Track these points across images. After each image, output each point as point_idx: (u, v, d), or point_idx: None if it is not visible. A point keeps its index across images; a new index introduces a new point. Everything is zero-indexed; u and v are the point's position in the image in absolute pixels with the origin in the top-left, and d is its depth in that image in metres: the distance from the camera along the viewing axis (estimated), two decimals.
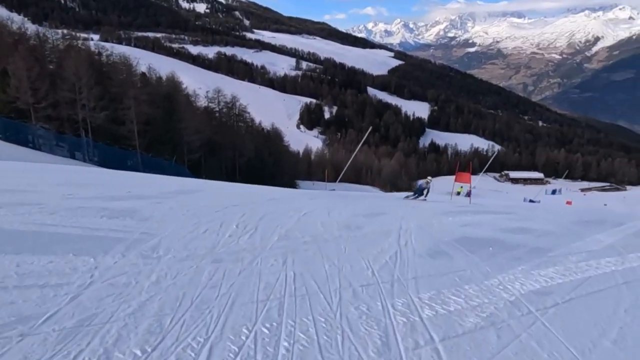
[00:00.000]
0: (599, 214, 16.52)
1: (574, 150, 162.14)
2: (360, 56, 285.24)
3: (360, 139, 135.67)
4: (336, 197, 13.54)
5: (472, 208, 13.41)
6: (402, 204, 13.58)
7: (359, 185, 68.66)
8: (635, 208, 49.27)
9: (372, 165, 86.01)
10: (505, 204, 21.46)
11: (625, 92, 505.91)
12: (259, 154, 51.62)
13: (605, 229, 10.07)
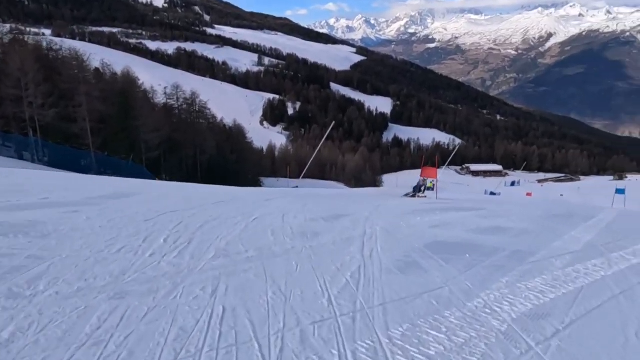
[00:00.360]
0: (565, 207, 16.33)
1: (530, 142, 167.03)
2: (323, 52, 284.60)
3: (324, 134, 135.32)
4: (295, 197, 12.25)
5: (439, 204, 12.65)
6: (366, 202, 12.30)
7: (323, 181, 67.86)
8: (589, 197, 50.64)
9: (336, 160, 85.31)
10: (471, 198, 20.43)
11: (577, 87, 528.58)
12: (221, 152, 49.90)
13: (577, 223, 9.57)
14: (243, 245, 5.69)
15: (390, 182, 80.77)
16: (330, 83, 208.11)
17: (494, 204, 14.77)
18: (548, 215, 10.99)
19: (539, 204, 16.14)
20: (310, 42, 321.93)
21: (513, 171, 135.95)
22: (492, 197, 21.87)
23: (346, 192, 22.77)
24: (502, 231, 8.00)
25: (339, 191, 23.05)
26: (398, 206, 11.55)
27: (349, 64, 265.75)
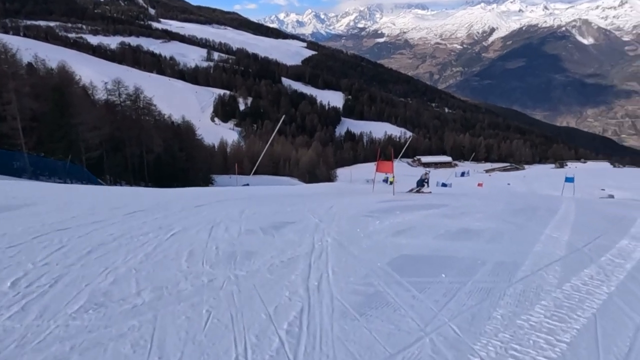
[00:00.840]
0: (524, 199, 16.09)
1: (477, 134, 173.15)
2: (274, 46, 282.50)
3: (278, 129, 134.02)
4: (234, 201, 10.59)
5: (398, 202, 11.43)
6: (317, 201, 10.77)
7: (277, 177, 67.41)
8: (534, 185, 52.53)
9: (289, 155, 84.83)
10: (431, 190, 20.24)
11: (518, 79, 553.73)
12: (169, 150, 48.24)
13: (546, 219, 9.10)
14: (137, 282, 4.01)
15: (344, 176, 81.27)
16: (282, 78, 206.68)
17: (453, 198, 13.89)
18: (512, 210, 10.41)
19: (497, 197, 15.98)
20: (260, 36, 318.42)
21: (462, 162, 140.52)
22: (449, 190, 21.63)
23: (298, 189, 20.44)
24: (474, 235, 6.97)
25: (289, 189, 20.58)
26: (353, 206, 10.10)
27: (300, 59, 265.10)
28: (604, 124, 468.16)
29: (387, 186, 19.81)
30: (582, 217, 9.79)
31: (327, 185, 27.42)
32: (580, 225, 8.50)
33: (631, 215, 10.97)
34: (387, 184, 25.87)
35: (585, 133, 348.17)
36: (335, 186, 24.37)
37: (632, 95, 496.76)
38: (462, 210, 9.87)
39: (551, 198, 17.65)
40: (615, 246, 6.68)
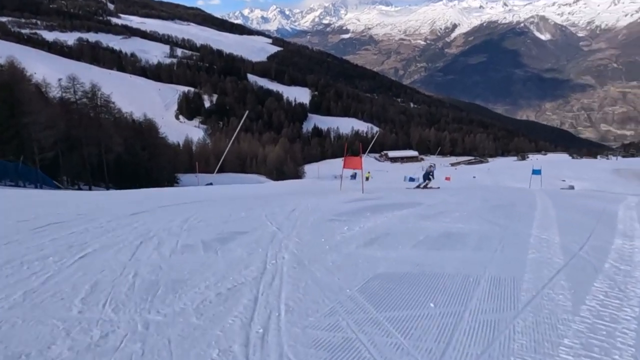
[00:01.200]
0: (498, 193, 15.55)
1: (442, 128, 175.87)
2: (238, 43, 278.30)
3: (244, 126, 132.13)
4: (181, 206, 9.20)
5: (368, 201, 10.50)
6: (279, 203, 9.64)
7: (243, 175, 65.99)
8: (499, 178, 53.27)
9: (256, 153, 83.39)
10: (398, 187, 18.63)
11: (480, 75, 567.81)
12: (130, 149, 46.27)
13: (527, 217, 8.48)
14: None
15: (312, 172, 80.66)
16: (247, 74, 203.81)
17: (425, 195, 13.17)
18: (490, 207, 9.74)
19: (470, 192, 15.56)
20: (224, 32, 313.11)
21: (428, 156, 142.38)
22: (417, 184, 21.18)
23: (260, 188, 18.98)
24: (458, 240, 6.01)
25: (252, 188, 19.17)
26: (318, 208, 8.97)
27: (265, 55, 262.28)
28: (561, 117, 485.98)
29: (356, 183, 18.82)
30: (563, 213, 9.24)
31: (293, 182, 25.91)
32: (565, 223, 7.86)
33: (609, 208, 10.71)
34: (355, 180, 25.24)
35: (544, 126, 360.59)
36: (302, 184, 22.82)
37: (587, 89, 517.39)
38: (439, 209, 9.08)
39: (523, 192, 17.10)
40: (611, 248, 6.11)
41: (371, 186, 18.08)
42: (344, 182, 19.18)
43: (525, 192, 16.18)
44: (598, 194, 18.06)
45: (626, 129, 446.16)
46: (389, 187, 17.80)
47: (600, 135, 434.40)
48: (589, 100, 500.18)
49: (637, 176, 48.87)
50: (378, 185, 21.28)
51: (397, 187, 19.28)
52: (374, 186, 18.04)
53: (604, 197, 15.14)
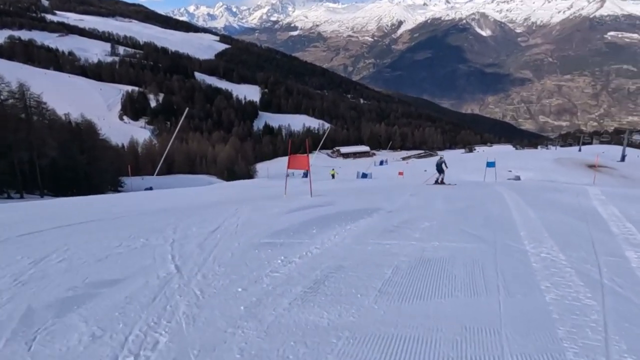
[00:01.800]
0: (459, 190, 14.66)
1: (392, 123, 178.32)
2: (185, 40, 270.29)
3: (193, 125, 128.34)
4: (53, 233, 6.55)
5: (315, 208, 8.81)
6: (199, 222, 7.35)
7: (192, 176, 63.69)
8: (449, 170, 54.38)
9: (206, 152, 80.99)
10: (353, 187, 16.56)
11: (426, 70, 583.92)
12: (67, 153, 43.28)
13: (508, 223, 7.50)
14: None
15: (265, 171, 79.38)
16: (195, 72, 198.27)
17: (383, 196, 11.86)
18: (460, 210, 8.76)
19: (430, 191, 14.58)
20: (169, 30, 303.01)
21: (379, 151, 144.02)
22: (377, 184, 19.69)
23: (198, 194, 15.91)
24: (440, 274, 4.39)
25: (188, 194, 16.14)
26: (252, 223, 7.21)
27: (213, 53, 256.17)
28: (503, 109, 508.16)
29: (303, 185, 17.31)
30: (543, 214, 8.26)
31: (235, 185, 22.86)
32: (555, 229, 6.78)
33: (585, 204, 10.15)
34: (307, 178, 24.25)
35: (487, 119, 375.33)
36: (246, 186, 20.25)
37: (525, 82, 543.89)
38: (402, 217, 7.68)
39: (484, 187, 16.55)
40: (631, 265, 4.88)
41: (323, 187, 16.38)
42: (292, 183, 17.27)
43: (487, 188, 15.49)
44: (557, 185, 17.83)
45: (562, 120, 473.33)
46: (341, 189, 15.66)
47: (539, 126, 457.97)
48: (527, 94, 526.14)
49: (576, 164, 51.19)
50: (331, 185, 19.69)
51: (351, 187, 17.12)
52: (327, 187, 16.38)
53: (566, 190, 14.76)
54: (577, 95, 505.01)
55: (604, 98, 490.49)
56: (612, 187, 20.19)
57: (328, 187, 16.31)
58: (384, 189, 15.58)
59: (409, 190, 13.87)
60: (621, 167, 47.04)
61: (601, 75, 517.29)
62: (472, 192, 13.90)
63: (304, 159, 12.06)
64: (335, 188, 15.87)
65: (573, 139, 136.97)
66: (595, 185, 19.48)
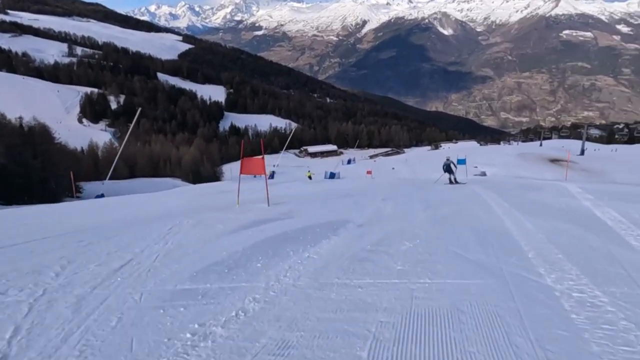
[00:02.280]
0: (436, 193, 13.58)
1: (358, 122, 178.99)
2: (146, 40, 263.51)
3: (156, 127, 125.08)
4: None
5: (269, 224, 7.36)
6: (104, 256, 5.84)
7: (156, 180, 61.71)
8: (416, 168, 54.26)
9: (170, 155, 78.75)
10: (318, 189, 14.99)
11: (391, 69, 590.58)
12: (17, 158, 40.98)
13: (506, 239, 6.37)
14: None
15: (231, 172, 78.14)
16: (157, 73, 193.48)
17: (352, 202, 10.47)
18: (443, 219, 7.60)
19: (404, 193, 13.52)
20: (129, 30, 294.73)
21: (347, 149, 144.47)
22: (345, 186, 17.66)
23: (147, 203, 13.42)
24: (451, 340, 2.94)
25: (135, 204, 13.45)
26: (184, 249, 5.67)
27: (176, 53, 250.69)
28: (466, 107, 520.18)
29: (260, 191, 14.90)
30: (539, 221, 7.06)
31: (190, 191, 20.38)
32: (565, 246, 5.46)
33: (575, 205, 9.23)
34: (273, 179, 22.94)
35: (451, 116, 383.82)
36: (202, 191, 18.01)
37: (486, 80, 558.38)
38: (377, 235, 6.18)
39: (458, 187, 15.79)
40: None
41: (285, 191, 14.85)
42: (254, 187, 15.70)
43: (463, 189, 14.61)
44: (532, 182, 17.28)
45: (522, 116, 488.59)
46: (305, 194, 14.05)
47: (500, 122, 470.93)
48: (489, 91, 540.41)
49: (538, 159, 52.42)
50: (295, 188, 18.18)
51: (317, 191, 15.44)
52: (290, 192, 14.79)
53: (544, 187, 14.08)
54: (535, 92, 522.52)
55: (561, 94, 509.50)
56: (581, 182, 19.74)
57: (291, 192, 14.72)
58: (353, 191, 14.09)
59: (380, 193, 12.63)
60: (581, 160, 48.32)
61: (558, 73, 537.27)
62: (449, 194, 12.85)
63: (258, 162, 10.34)
64: (299, 193, 14.26)
65: (534, 134, 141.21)
66: (569, 182, 18.87)
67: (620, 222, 7.23)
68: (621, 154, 56.91)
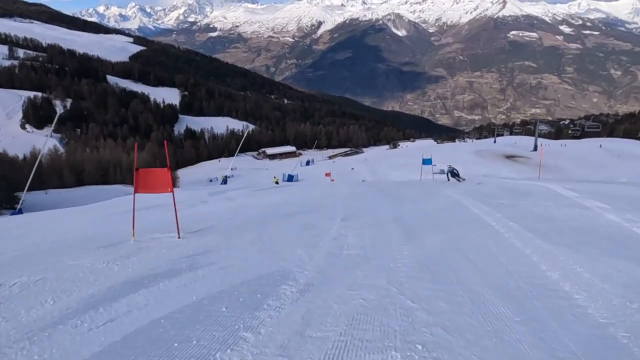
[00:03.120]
0: (410, 206, 10.01)
1: (316, 122, 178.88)
2: (94, 42, 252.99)
3: (106, 132, 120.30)
4: None
5: (161, 283, 4.45)
6: None
7: (106, 187, 59.00)
8: (376, 167, 53.84)
9: (120, 160, 75.26)
10: (263, 204, 11.67)
11: (347, 69, 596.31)
12: None
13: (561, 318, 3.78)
14: None
15: (187, 176, 75.94)
16: (107, 76, 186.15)
17: (301, 226, 7.99)
18: (436, 259, 5.11)
19: (371, 206, 10.72)
20: (76, 31, 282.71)
21: (306, 150, 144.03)
22: (296, 197, 12.98)
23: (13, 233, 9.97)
24: None
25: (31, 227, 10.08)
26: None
27: (127, 55, 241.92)
28: (421, 106, 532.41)
29: (195, 205, 12.19)
30: (598, 267, 4.49)
31: (96, 209, 14.46)
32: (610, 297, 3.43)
33: (598, 220, 7.13)
34: (226, 185, 17.58)
35: (407, 115, 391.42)
36: (122, 208, 12.48)
37: (440, 80, 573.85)
38: (337, 320, 3.43)
39: (431, 193, 12.00)
40: None
41: (216, 208, 11.78)
42: (195, 196, 12.93)
43: (439, 195, 12.24)
44: (508, 183, 15.72)
45: (474, 114, 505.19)
46: (240, 212, 10.64)
47: (454, 120, 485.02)
48: (442, 90, 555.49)
49: (494, 156, 53.60)
50: (236, 201, 13.99)
51: (258, 205, 12.58)
52: (221, 208, 11.58)
53: (532, 192, 11.83)
54: (486, 90, 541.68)
55: (510, 92, 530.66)
56: (558, 181, 18.32)
57: (228, 207, 11.67)
58: (306, 205, 11.30)
59: (340, 208, 10.02)
60: (535, 156, 49.80)
61: (506, 72, 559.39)
62: (426, 204, 10.37)
63: (162, 175, 7.12)
64: (236, 209, 11.18)
65: (488, 131, 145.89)
66: (544, 181, 17.44)
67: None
68: (570, 149, 59.36)
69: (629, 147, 59.69)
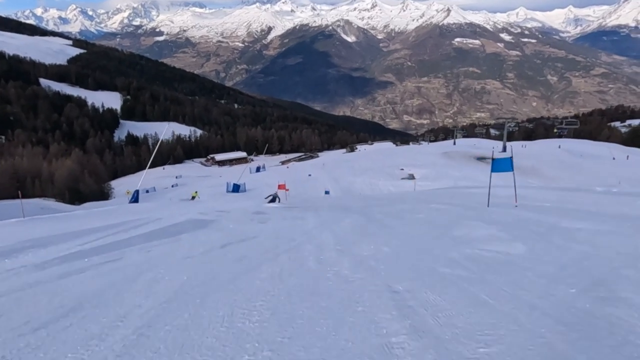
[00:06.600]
0: (394, 237, 8.06)
1: (268, 127, 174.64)
2: (29, 44, 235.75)
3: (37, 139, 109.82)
4: None
5: None
6: None
7: (22, 200, 50.92)
8: (336, 174, 49.20)
9: (39, 170, 66.21)
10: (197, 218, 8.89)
11: (298, 75, 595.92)
12: None
13: None
14: None
15: (123, 186, 68.76)
16: (40, 79, 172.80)
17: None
18: None
19: (348, 238, 7.68)
20: (9, 33, 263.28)
21: (256, 156, 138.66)
22: (233, 228, 10.69)
23: None
24: None
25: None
26: None
27: (65, 58, 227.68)
28: (372, 111, 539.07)
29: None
30: None
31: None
32: None
33: None
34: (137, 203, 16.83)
35: (359, 120, 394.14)
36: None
37: (388, 85, 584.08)
38: None
39: (427, 222, 9.81)
40: None
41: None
42: None
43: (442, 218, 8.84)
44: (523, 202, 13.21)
45: (423, 118, 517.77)
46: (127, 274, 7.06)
47: (404, 125, 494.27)
48: (392, 95, 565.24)
49: (465, 158, 51.35)
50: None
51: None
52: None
53: (569, 213, 10.41)
54: (433, 95, 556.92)
55: (456, 97, 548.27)
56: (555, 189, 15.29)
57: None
58: (236, 254, 7.03)
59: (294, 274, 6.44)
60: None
61: (452, 77, 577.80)
62: (413, 237, 7.09)
63: None
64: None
65: (444, 133, 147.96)
66: None
67: None
68: (531, 150, 58.23)
69: (586, 147, 59.81)
